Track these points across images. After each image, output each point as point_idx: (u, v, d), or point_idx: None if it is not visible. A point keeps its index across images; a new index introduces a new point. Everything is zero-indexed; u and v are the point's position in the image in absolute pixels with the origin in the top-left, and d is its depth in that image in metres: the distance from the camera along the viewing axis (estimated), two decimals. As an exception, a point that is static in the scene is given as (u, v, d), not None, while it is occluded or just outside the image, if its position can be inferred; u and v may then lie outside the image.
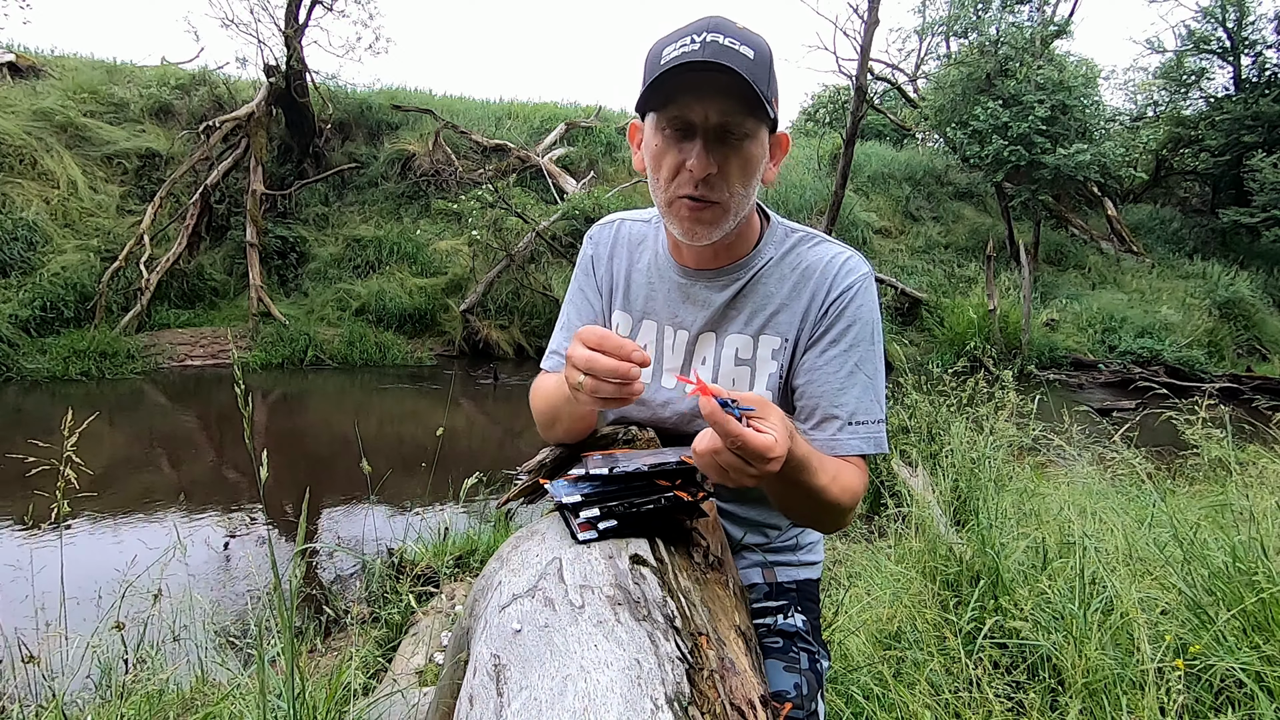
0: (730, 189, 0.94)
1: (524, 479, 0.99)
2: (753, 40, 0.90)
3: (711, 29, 0.88)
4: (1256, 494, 2.54)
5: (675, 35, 0.91)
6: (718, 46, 0.87)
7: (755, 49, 0.89)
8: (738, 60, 0.87)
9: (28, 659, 1.82)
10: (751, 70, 0.87)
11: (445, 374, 9.42)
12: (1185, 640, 1.64)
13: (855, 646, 2.03)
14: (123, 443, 6.46)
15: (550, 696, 0.58)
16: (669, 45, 0.90)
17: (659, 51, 0.91)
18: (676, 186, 0.95)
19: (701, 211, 0.95)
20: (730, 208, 0.96)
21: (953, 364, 4.63)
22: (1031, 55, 13.73)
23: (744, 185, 0.95)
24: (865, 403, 1.00)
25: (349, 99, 12.86)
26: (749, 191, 0.97)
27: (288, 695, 1.35)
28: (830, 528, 1.05)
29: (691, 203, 0.95)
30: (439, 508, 4.46)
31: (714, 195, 0.94)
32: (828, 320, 1.01)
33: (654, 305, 1.10)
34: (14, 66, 10.96)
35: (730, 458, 0.72)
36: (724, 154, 0.92)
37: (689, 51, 0.88)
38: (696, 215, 0.95)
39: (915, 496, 3.07)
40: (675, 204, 0.96)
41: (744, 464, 0.72)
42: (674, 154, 0.93)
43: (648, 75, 0.92)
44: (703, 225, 0.96)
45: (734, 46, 0.88)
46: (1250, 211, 14.41)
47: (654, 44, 0.93)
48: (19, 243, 8.89)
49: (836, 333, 1.01)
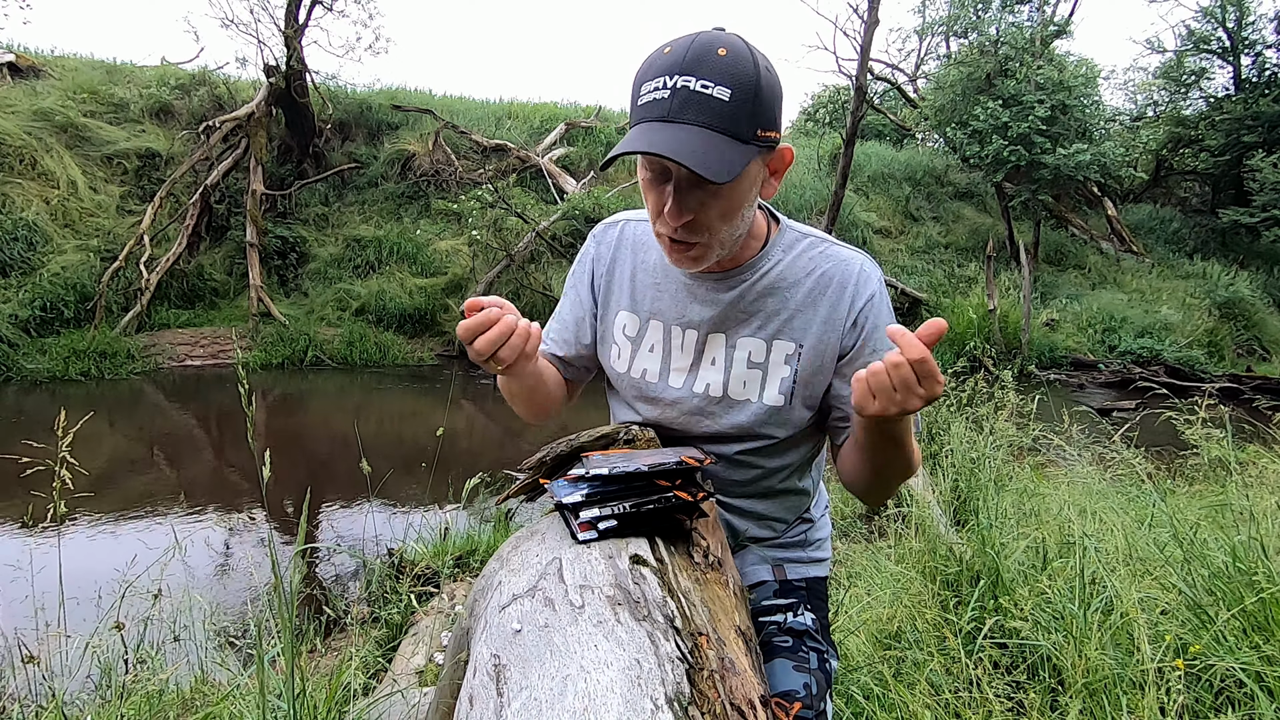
0: (710, 229, 0.93)
1: (523, 476, 0.99)
2: (732, 74, 0.84)
3: (686, 69, 0.84)
4: (1256, 494, 2.54)
5: (655, 69, 0.87)
6: (688, 94, 0.84)
7: (733, 86, 0.84)
8: (707, 111, 0.84)
9: (28, 659, 1.82)
10: (725, 116, 0.84)
11: (445, 374, 9.42)
12: (1185, 640, 1.64)
13: (855, 646, 2.03)
14: (122, 443, 6.46)
15: (550, 696, 0.58)
16: (647, 83, 0.87)
17: (640, 83, 0.89)
18: (659, 225, 0.95)
19: (686, 251, 0.96)
20: (713, 244, 0.95)
21: (953, 364, 4.63)
22: (1031, 55, 13.73)
23: (727, 223, 0.94)
24: None
25: (349, 99, 12.85)
26: (735, 225, 0.95)
27: (288, 695, 1.35)
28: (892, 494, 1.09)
29: (673, 243, 0.96)
30: (439, 508, 4.46)
31: (693, 238, 0.94)
32: (860, 331, 1.03)
33: (660, 305, 1.10)
34: (14, 66, 10.96)
35: (909, 372, 0.77)
36: (699, 199, 0.91)
37: (660, 101, 0.85)
38: (680, 253, 0.97)
39: (915, 496, 3.07)
40: (660, 238, 0.98)
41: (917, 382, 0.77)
42: (656, 193, 0.93)
43: (631, 107, 0.91)
44: (687, 260, 0.98)
45: (706, 91, 0.83)
46: (1250, 211, 14.40)
47: (640, 66, 0.90)
48: (19, 243, 8.89)
49: (874, 342, 1.03)
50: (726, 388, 1.06)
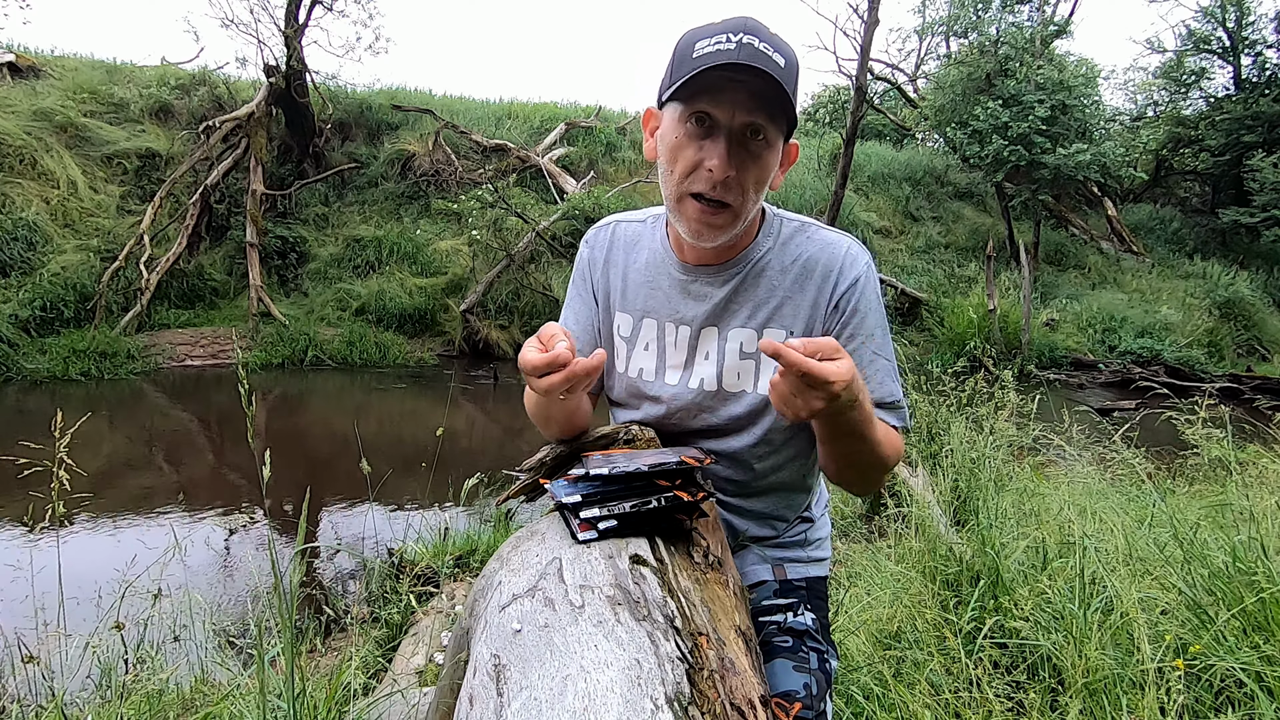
0: (744, 194, 0.94)
1: (524, 477, 0.99)
2: (784, 49, 0.90)
3: (748, 30, 0.88)
4: (1256, 494, 2.54)
5: (709, 30, 0.90)
6: (753, 49, 0.87)
7: (786, 58, 0.90)
8: (772, 66, 0.87)
9: (28, 659, 1.82)
10: (783, 77, 0.88)
11: (445, 374, 9.42)
12: (1185, 640, 1.64)
13: (855, 646, 2.03)
14: (122, 443, 6.46)
15: (550, 696, 0.58)
16: (702, 39, 0.90)
17: (691, 43, 0.91)
18: (690, 183, 0.94)
19: (714, 216, 0.95)
20: (741, 213, 0.96)
21: (953, 364, 4.63)
22: (1031, 55, 13.73)
23: (757, 192, 0.96)
24: (888, 384, 1.04)
25: (349, 99, 12.86)
26: (759, 198, 0.97)
27: (288, 695, 1.35)
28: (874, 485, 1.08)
29: (703, 204, 0.95)
30: (439, 508, 4.46)
31: (729, 198, 0.94)
32: (841, 316, 1.02)
33: (654, 303, 1.10)
34: (14, 66, 10.96)
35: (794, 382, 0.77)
36: (743, 158, 0.92)
37: (725, 50, 0.87)
38: (708, 219, 0.96)
39: (915, 496, 3.07)
40: (685, 201, 0.96)
41: (807, 388, 0.77)
42: (693, 150, 0.93)
43: (677, 66, 0.92)
44: (712, 229, 0.96)
45: (768, 52, 0.88)
46: (1250, 211, 14.41)
47: (685, 35, 0.93)
48: (19, 243, 8.90)
49: (854, 326, 1.03)
50: (721, 380, 1.06)
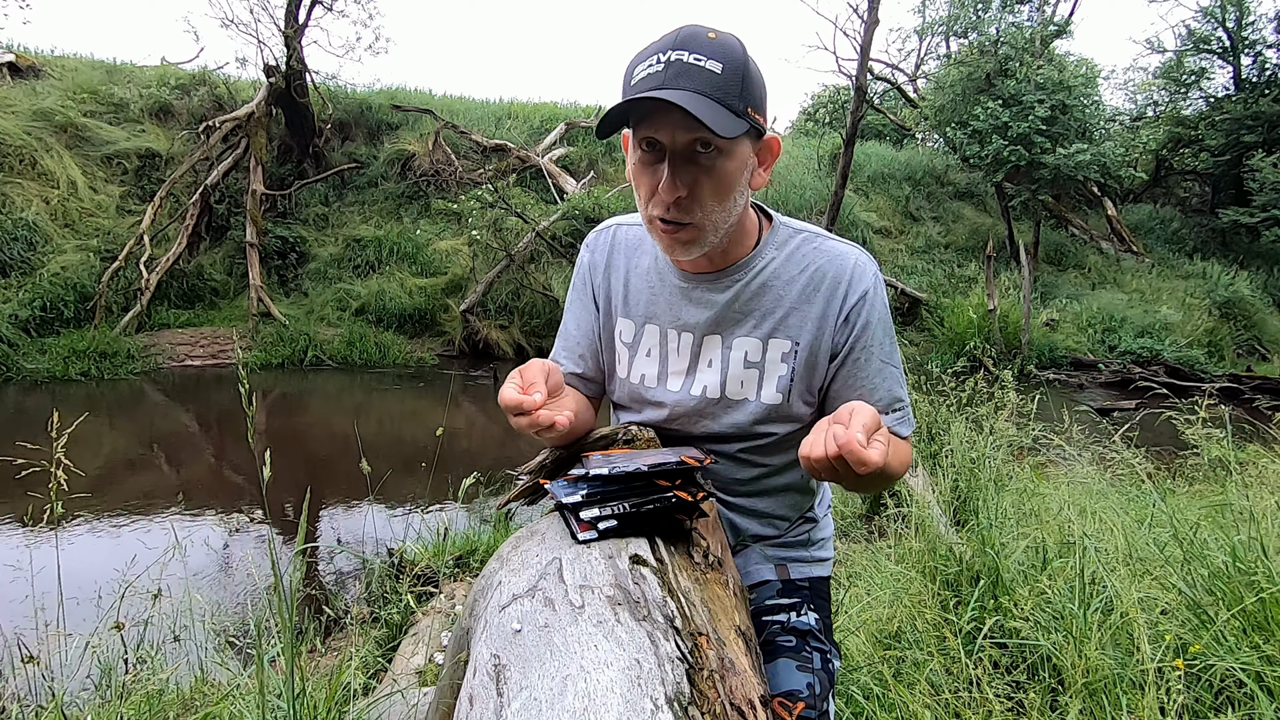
0: (703, 209, 0.93)
1: (524, 480, 0.99)
2: (723, 51, 0.88)
3: (679, 45, 0.87)
4: (1256, 494, 2.54)
5: (646, 52, 0.90)
6: (681, 65, 0.86)
7: (724, 61, 0.87)
8: (700, 80, 0.86)
9: (28, 659, 1.82)
10: (719, 86, 0.86)
11: (445, 374, 9.42)
12: (1185, 640, 1.64)
13: (855, 646, 2.03)
14: (122, 443, 6.46)
15: (550, 696, 0.58)
16: (640, 64, 0.90)
17: (632, 69, 0.91)
18: (651, 207, 0.95)
19: (677, 234, 0.95)
20: (706, 226, 0.95)
21: (952, 364, 4.63)
22: (1031, 55, 13.73)
23: (719, 203, 0.94)
24: (895, 390, 1.06)
25: (349, 99, 12.86)
26: (727, 207, 0.95)
27: (288, 695, 1.35)
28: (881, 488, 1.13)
29: (665, 225, 0.95)
30: (439, 508, 4.46)
31: (686, 217, 0.93)
32: (852, 328, 1.03)
33: (656, 309, 1.10)
34: (14, 66, 10.96)
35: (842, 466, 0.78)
36: (694, 174, 0.91)
37: (655, 74, 0.87)
38: (672, 237, 0.96)
39: (915, 496, 3.07)
40: (653, 224, 0.97)
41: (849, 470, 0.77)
42: (648, 175, 0.93)
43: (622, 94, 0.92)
44: (681, 245, 0.96)
45: (699, 64, 0.86)
46: (1250, 211, 14.41)
47: (631, 58, 0.93)
48: (19, 243, 8.90)
49: (866, 339, 1.03)
50: (724, 389, 1.06)
